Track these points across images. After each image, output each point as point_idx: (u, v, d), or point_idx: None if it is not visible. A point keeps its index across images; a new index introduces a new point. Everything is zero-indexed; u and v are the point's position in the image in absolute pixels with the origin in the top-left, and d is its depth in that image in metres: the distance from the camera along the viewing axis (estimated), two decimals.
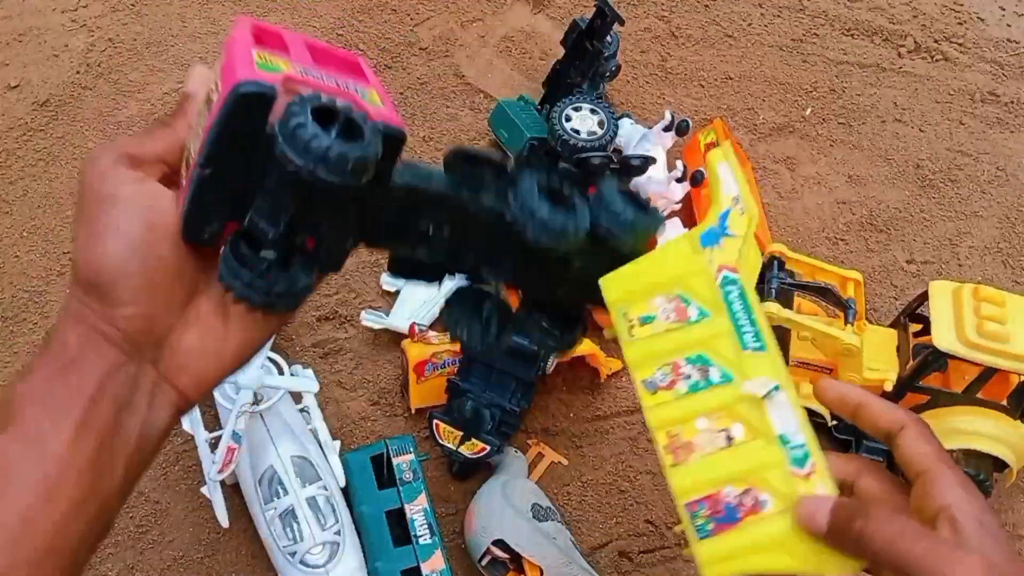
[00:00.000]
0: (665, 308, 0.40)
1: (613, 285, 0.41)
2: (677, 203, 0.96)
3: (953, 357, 0.71)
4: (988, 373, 0.72)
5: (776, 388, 0.38)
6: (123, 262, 0.37)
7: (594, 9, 0.94)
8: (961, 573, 0.33)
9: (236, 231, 0.37)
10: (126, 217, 0.37)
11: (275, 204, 0.35)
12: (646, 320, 0.40)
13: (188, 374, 0.39)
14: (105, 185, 0.37)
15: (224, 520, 0.70)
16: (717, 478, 0.38)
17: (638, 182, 0.94)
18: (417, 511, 0.74)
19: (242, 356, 0.41)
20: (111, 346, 0.37)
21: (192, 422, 0.76)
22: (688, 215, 0.97)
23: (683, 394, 0.39)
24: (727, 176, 0.41)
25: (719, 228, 0.40)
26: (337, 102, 0.33)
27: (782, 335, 0.80)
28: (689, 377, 0.39)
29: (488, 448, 0.75)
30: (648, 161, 0.91)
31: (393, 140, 0.35)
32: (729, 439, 0.38)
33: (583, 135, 0.92)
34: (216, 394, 0.73)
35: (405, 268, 0.43)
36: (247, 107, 0.33)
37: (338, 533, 0.71)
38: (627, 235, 0.40)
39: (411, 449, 0.78)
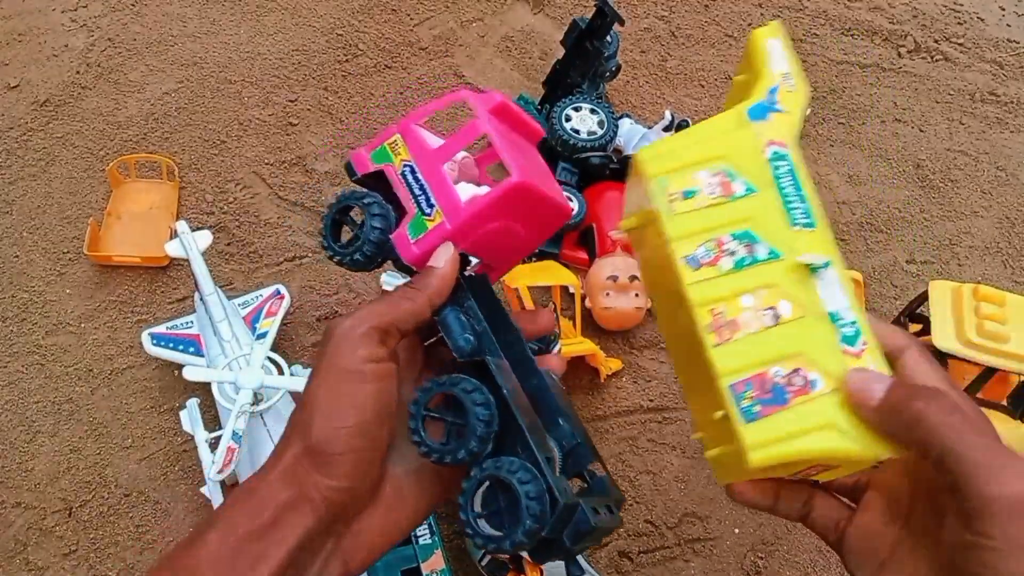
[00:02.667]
0: (709, 183, 0.39)
1: (652, 158, 0.40)
2: None
3: (953, 357, 0.71)
4: (988, 373, 0.72)
5: (827, 264, 0.37)
6: (353, 438, 0.38)
7: (594, 9, 0.94)
8: (1011, 475, 0.32)
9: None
10: (366, 397, 0.39)
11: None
12: (689, 194, 0.39)
13: (364, 552, 0.41)
14: (355, 358, 0.39)
15: None
16: (764, 357, 0.37)
17: None
18: None
19: (403, 535, 0.43)
20: (313, 513, 0.38)
21: (192, 422, 0.76)
22: None
23: (728, 270, 0.38)
24: (777, 52, 0.41)
25: (767, 103, 0.39)
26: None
27: None
28: (734, 253, 0.38)
29: None
30: None
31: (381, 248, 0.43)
32: (776, 317, 0.37)
33: (583, 135, 0.92)
34: (216, 394, 0.73)
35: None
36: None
37: None
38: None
39: None
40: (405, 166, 0.44)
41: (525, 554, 0.70)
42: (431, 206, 0.42)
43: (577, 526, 0.39)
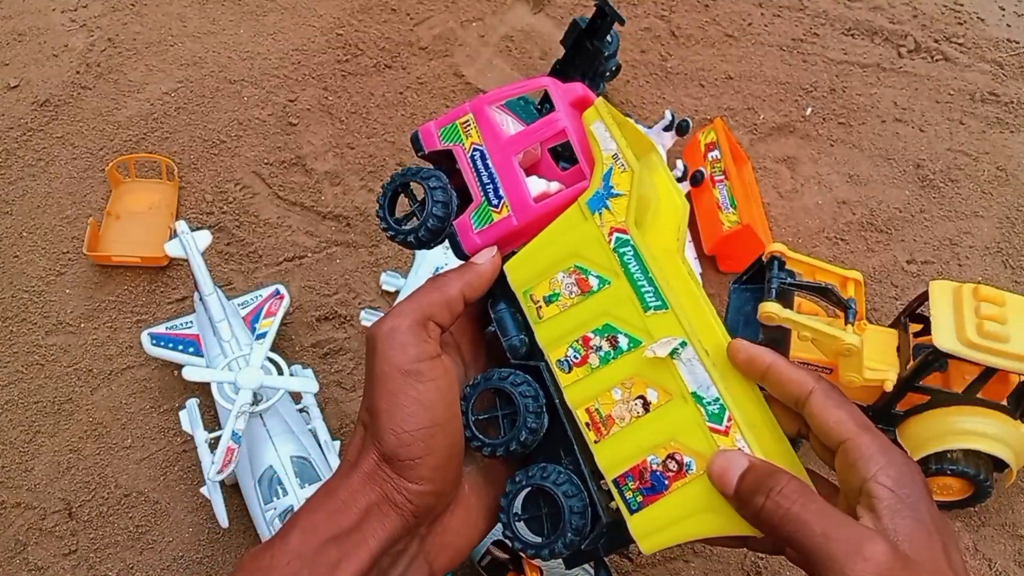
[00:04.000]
0: (567, 283, 0.39)
1: (515, 268, 0.41)
2: None
3: (953, 357, 0.71)
4: (988, 373, 0.72)
5: (682, 345, 0.36)
6: (429, 437, 0.38)
7: (594, 9, 0.94)
8: (859, 567, 0.31)
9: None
10: (431, 394, 0.38)
11: None
12: (551, 299, 0.39)
13: (448, 553, 0.40)
14: (407, 358, 0.38)
15: (224, 520, 0.70)
16: (639, 448, 0.37)
17: None
18: None
19: (484, 535, 0.42)
20: (398, 516, 0.37)
21: (192, 422, 0.76)
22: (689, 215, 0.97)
23: (596, 367, 0.38)
24: (603, 135, 0.40)
25: (604, 190, 0.39)
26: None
27: (782, 335, 0.80)
28: (600, 349, 0.38)
29: None
30: None
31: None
32: (646, 405, 0.37)
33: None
34: (216, 394, 0.73)
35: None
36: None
37: None
38: None
39: None
40: (475, 150, 0.42)
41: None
42: (499, 197, 0.41)
43: (614, 539, 0.39)
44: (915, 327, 0.82)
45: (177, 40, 1.12)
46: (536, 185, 0.42)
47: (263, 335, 0.77)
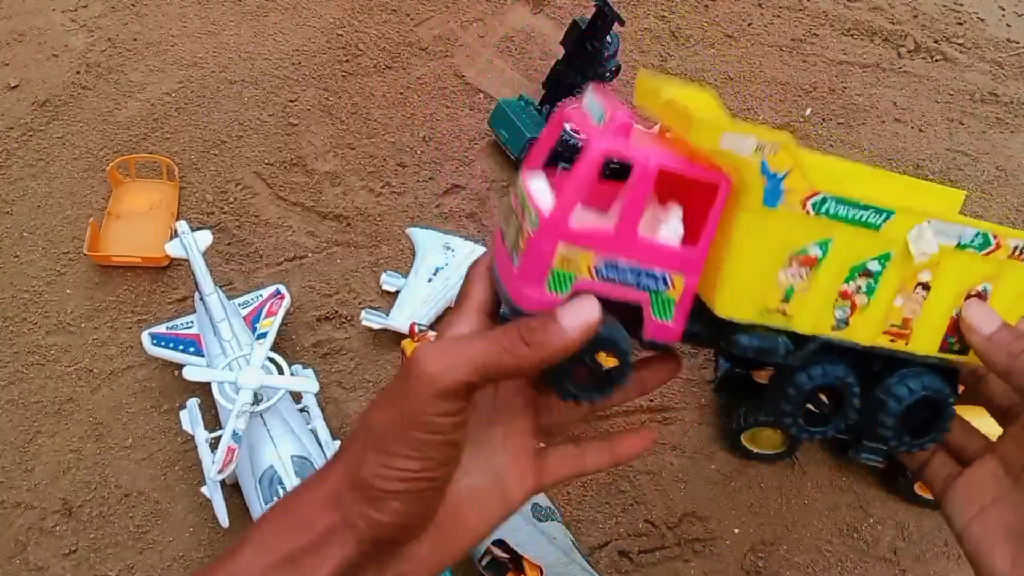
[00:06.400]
0: (792, 273, 0.38)
1: (728, 305, 0.38)
2: None
3: None
4: None
5: (928, 223, 0.39)
6: (412, 481, 0.35)
7: (594, 9, 0.94)
8: None
9: None
10: (436, 448, 0.35)
11: None
12: (788, 297, 0.39)
13: None
14: (435, 410, 0.35)
15: (224, 520, 0.70)
16: (941, 317, 0.40)
17: None
18: None
19: (456, 560, 0.40)
20: (356, 543, 0.36)
21: (192, 422, 0.76)
22: None
23: (866, 304, 0.40)
24: (733, 142, 0.37)
25: (771, 184, 0.36)
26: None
27: None
28: (860, 289, 0.40)
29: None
30: None
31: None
32: (926, 288, 0.40)
33: (583, 135, 0.92)
34: (216, 394, 0.73)
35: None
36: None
37: None
38: None
39: None
40: (597, 266, 0.37)
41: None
42: (663, 279, 0.38)
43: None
44: None
45: (177, 40, 1.12)
46: (667, 235, 0.38)
47: (264, 335, 0.77)
